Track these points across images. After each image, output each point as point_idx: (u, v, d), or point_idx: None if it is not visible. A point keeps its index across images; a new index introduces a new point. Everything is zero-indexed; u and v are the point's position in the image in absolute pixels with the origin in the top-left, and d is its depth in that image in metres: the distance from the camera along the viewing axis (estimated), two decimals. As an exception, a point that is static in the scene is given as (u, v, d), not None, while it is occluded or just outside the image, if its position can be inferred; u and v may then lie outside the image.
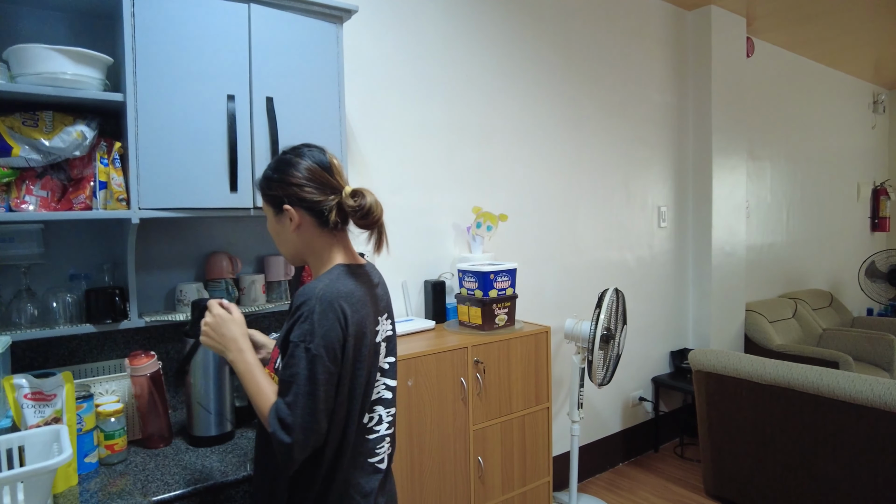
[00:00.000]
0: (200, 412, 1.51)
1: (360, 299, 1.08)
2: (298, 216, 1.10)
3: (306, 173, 1.09)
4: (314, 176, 1.09)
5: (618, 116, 3.21)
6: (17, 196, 1.41)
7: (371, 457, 1.13)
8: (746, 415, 2.62)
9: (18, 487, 1.02)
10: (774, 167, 4.42)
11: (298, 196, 1.08)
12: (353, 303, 1.06)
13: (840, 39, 4.27)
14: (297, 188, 1.08)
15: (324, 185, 1.09)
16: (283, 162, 1.12)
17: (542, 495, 2.27)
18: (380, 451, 1.15)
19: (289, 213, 1.10)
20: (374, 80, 2.24)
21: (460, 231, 2.53)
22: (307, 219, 1.10)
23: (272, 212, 1.14)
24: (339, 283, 1.06)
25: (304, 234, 1.12)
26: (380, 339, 1.15)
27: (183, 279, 1.79)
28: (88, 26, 1.62)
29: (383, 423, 1.16)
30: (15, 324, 1.50)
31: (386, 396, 1.17)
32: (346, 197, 1.09)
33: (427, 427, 1.90)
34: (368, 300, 1.11)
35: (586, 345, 2.41)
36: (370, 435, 1.13)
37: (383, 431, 1.16)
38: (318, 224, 1.11)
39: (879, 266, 4.97)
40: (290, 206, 1.09)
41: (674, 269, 3.61)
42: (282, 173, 1.10)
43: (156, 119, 1.46)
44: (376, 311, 1.15)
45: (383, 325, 1.17)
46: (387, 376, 1.17)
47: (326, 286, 1.04)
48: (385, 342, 1.17)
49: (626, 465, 3.33)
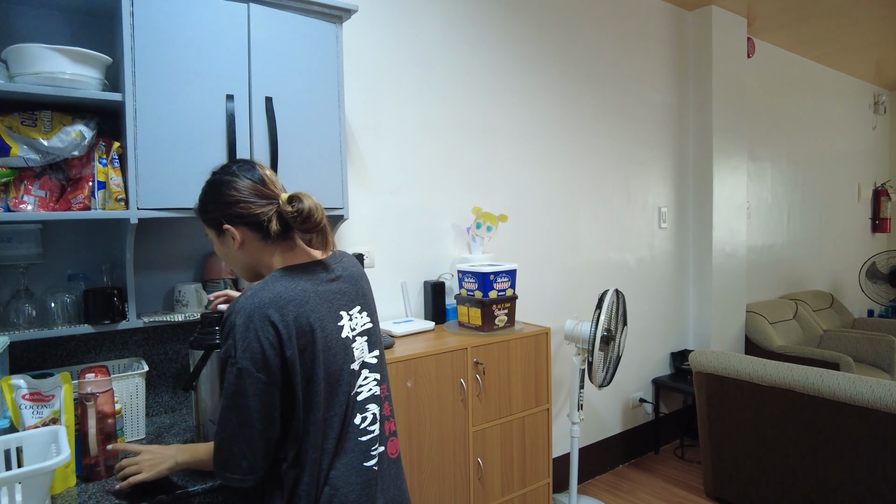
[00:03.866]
0: (210, 429, 1.43)
1: (294, 299, 1.03)
2: (240, 234, 1.10)
3: (238, 190, 1.09)
4: (247, 191, 1.09)
5: (618, 116, 3.21)
6: (15, 196, 1.41)
7: (367, 460, 1.10)
8: (747, 416, 2.62)
9: (16, 488, 1.01)
10: (775, 168, 4.41)
11: (235, 213, 1.09)
12: (283, 304, 1.02)
13: (841, 40, 4.27)
14: (232, 206, 1.09)
15: (259, 196, 1.09)
16: (215, 183, 1.12)
17: (542, 497, 2.26)
18: (374, 452, 1.12)
19: (230, 233, 1.10)
20: (373, 79, 2.24)
21: (460, 231, 2.52)
22: (249, 234, 1.11)
23: (214, 234, 1.15)
24: (265, 291, 1.03)
25: (250, 249, 1.12)
26: (348, 335, 1.11)
27: (181, 279, 1.79)
28: (87, 26, 1.62)
29: (377, 421, 1.13)
30: (13, 324, 1.50)
31: (376, 393, 1.14)
32: (283, 204, 1.09)
33: (426, 428, 1.90)
34: (313, 297, 1.06)
35: (586, 346, 2.40)
36: (364, 437, 1.10)
37: (377, 431, 1.13)
38: (261, 238, 1.11)
39: (880, 267, 4.97)
40: (230, 225, 1.10)
41: (674, 270, 3.60)
42: (215, 194, 1.11)
43: (155, 119, 1.46)
44: (335, 307, 1.10)
45: (355, 319, 1.14)
46: (375, 371, 1.15)
47: (249, 297, 1.02)
48: (363, 336, 1.14)
49: (626, 467, 3.33)
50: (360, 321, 1.15)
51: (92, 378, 1.33)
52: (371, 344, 1.16)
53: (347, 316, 1.12)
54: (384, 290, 2.30)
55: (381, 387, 1.17)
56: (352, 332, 1.12)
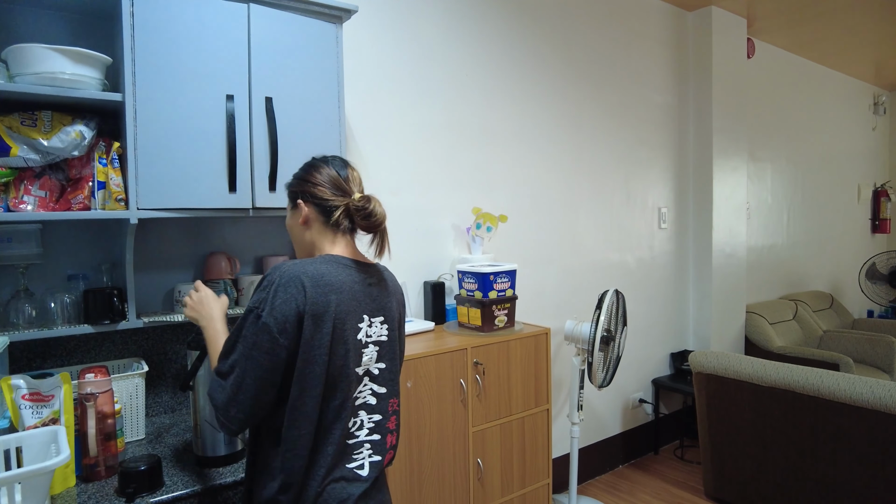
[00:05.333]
0: (207, 430, 1.43)
1: (332, 284, 1.09)
2: (308, 211, 1.20)
3: (323, 176, 1.20)
4: (329, 179, 1.19)
5: (618, 117, 3.21)
6: (15, 196, 1.41)
7: (349, 462, 1.12)
8: (747, 417, 2.62)
9: (16, 488, 1.01)
10: (775, 168, 4.42)
11: (311, 193, 1.19)
12: (319, 284, 1.07)
13: (841, 41, 4.27)
14: (311, 185, 1.19)
15: (336, 188, 1.19)
16: (308, 165, 1.24)
17: (542, 497, 2.26)
18: (357, 456, 1.14)
19: (301, 208, 1.20)
20: (373, 80, 2.24)
21: (460, 232, 2.52)
22: (315, 215, 1.19)
23: (290, 205, 1.25)
24: (310, 265, 1.10)
25: (312, 228, 1.20)
26: (364, 338, 1.15)
27: (181, 280, 1.79)
28: (87, 26, 1.62)
29: (364, 428, 1.15)
30: (13, 324, 1.50)
31: (370, 402, 1.17)
32: (353, 200, 1.18)
33: (426, 429, 1.90)
34: (347, 290, 1.12)
35: (586, 346, 2.40)
36: (350, 440, 1.13)
37: (363, 437, 1.15)
38: (324, 221, 1.19)
39: (880, 268, 4.97)
40: (303, 201, 1.20)
41: (674, 271, 3.60)
42: (304, 172, 1.23)
43: (154, 119, 1.46)
44: (362, 308, 1.15)
45: (374, 327, 1.17)
46: (375, 382, 1.18)
47: (294, 264, 1.09)
48: (376, 346, 1.17)
49: (625, 467, 3.33)
50: (377, 330, 1.19)
51: (92, 378, 1.33)
52: (381, 356, 1.19)
53: (368, 321, 1.17)
54: (384, 291, 2.29)
55: (391, 400, 1.20)
56: (367, 338, 1.16)
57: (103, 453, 1.33)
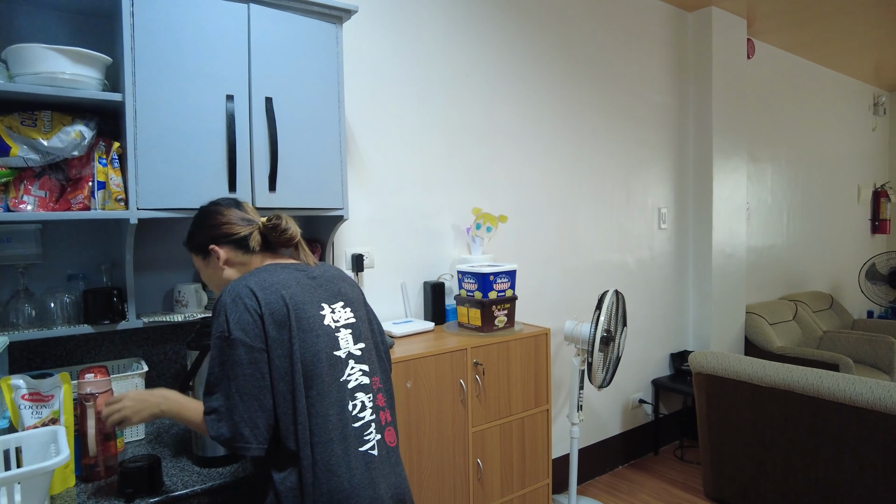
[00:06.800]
0: None
1: (277, 282, 1.14)
2: (224, 252, 1.24)
3: (226, 216, 1.25)
4: (234, 216, 1.25)
5: (618, 117, 3.21)
6: (15, 196, 1.41)
7: (362, 445, 1.14)
8: (746, 417, 2.62)
9: (15, 489, 1.01)
10: (775, 169, 4.42)
11: (222, 234, 1.24)
12: (266, 287, 1.12)
13: (841, 41, 4.27)
14: (219, 228, 1.24)
15: (243, 220, 1.25)
16: (202, 213, 1.29)
17: (542, 498, 2.26)
18: (368, 437, 1.16)
19: (215, 253, 1.24)
20: (373, 80, 2.24)
21: (460, 232, 2.52)
22: (232, 252, 1.24)
23: (201, 259, 1.28)
24: (251, 277, 1.14)
25: (234, 263, 1.25)
26: (332, 324, 1.19)
27: (181, 280, 1.79)
28: (87, 26, 1.62)
29: (367, 408, 1.18)
30: (13, 324, 1.49)
31: (364, 382, 1.20)
32: (262, 223, 1.24)
33: (426, 429, 1.90)
34: (294, 284, 1.17)
35: (586, 347, 2.40)
36: (356, 423, 1.15)
37: (368, 417, 1.18)
38: (244, 252, 1.24)
39: (880, 268, 4.97)
40: (217, 245, 1.24)
41: (674, 271, 3.60)
42: (205, 221, 1.27)
43: (154, 119, 1.46)
44: (316, 297, 1.19)
45: (338, 312, 1.22)
46: (361, 362, 1.21)
47: (236, 281, 1.14)
48: (347, 328, 1.21)
49: (625, 468, 3.33)
50: (343, 314, 1.23)
51: (91, 378, 1.33)
52: (356, 337, 1.23)
53: (329, 308, 1.21)
54: (384, 291, 2.30)
55: (374, 378, 1.23)
56: (335, 323, 1.20)
57: (103, 453, 1.33)
